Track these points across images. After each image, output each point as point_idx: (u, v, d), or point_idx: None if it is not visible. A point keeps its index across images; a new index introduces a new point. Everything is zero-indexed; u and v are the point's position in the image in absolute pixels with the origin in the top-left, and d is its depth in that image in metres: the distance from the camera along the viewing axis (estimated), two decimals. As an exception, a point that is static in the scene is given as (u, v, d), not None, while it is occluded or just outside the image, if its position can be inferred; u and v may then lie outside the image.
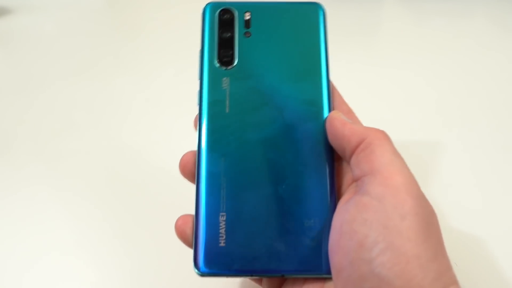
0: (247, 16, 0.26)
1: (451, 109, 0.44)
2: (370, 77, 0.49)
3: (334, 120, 0.24)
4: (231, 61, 0.25)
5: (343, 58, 0.52)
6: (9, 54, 0.57)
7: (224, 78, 0.25)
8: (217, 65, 0.25)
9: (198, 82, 0.25)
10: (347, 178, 0.24)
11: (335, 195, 0.23)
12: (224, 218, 0.23)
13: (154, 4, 0.67)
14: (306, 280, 0.23)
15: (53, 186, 0.37)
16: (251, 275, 0.22)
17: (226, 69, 0.25)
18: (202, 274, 0.22)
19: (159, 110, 0.45)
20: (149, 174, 0.38)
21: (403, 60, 0.52)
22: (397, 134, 0.41)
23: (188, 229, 0.23)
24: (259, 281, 0.25)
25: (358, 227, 0.19)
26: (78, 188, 0.37)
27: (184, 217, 0.24)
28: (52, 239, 0.33)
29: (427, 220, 0.19)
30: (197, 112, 0.25)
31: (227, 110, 0.24)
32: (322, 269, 0.22)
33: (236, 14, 0.26)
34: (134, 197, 0.36)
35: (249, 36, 0.26)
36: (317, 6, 0.28)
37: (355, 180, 0.22)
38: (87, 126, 0.44)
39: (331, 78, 0.26)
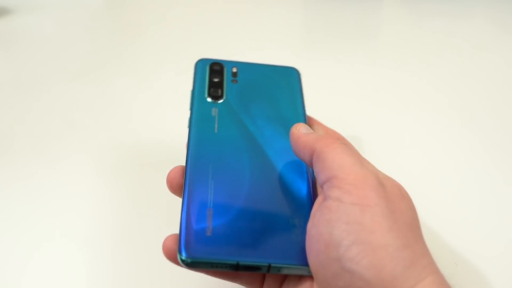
0: (234, 69, 0.32)
1: (451, 109, 0.44)
2: (369, 78, 0.49)
3: (292, 135, 0.25)
4: (220, 97, 0.30)
5: (342, 59, 0.53)
6: (9, 54, 0.57)
7: (213, 108, 0.30)
8: (208, 99, 0.30)
9: (189, 112, 0.30)
10: None
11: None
12: (212, 213, 0.24)
13: (154, 4, 0.67)
14: (300, 279, 0.23)
15: (53, 186, 0.37)
16: (236, 264, 0.22)
17: (215, 103, 0.30)
18: (186, 260, 0.22)
19: (159, 111, 0.45)
20: (150, 175, 0.38)
21: (402, 60, 0.52)
22: (397, 134, 0.41)
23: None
24: (260, 284, 0.25)
25: (322, 228, 0.20)
26: (78, 188, 0.37)
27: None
28: (52, 239, 0.33)
29: (390, 208, 0.20)
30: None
31: (215, 131, 0.28)
32: (307, 262, 0.22)
33: (225, 67, 0.32)
34: (134, 198, 0.36)
35: (236, 83, 0.31)
36: (294, 70, 0.33)
37: (320, 188, 0.23)
38: (87, 126, 0.44)
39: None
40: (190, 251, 0.22)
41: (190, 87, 0.31)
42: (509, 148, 0.40)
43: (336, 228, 0.19)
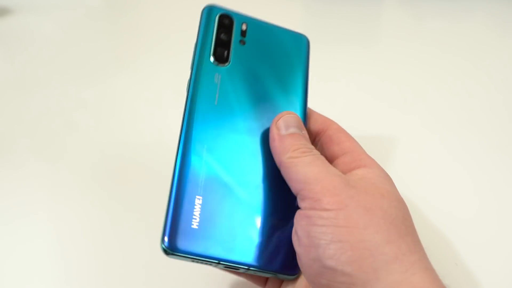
0: (244, 27, 0.28)
1: (451, 109, 0.44)
2: (369, 78, 0.49)
3: (270, 132, 0.24)
4: (225, 60, 0.27)
5: (342, 59, 0.53)
6: (9, 54, 0.57)
7: (216, 74, 0.26)
8: (212, 60, 0.27)
9: (189, 71, 0.27)
10: None
11: None
12: (200, 202, 0.22)
13: (154, 4, 0.67)
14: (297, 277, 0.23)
15: (52, 186, 0.37)
16: (218, 262, 0.22)
17: (219, 66, 0.26)
18: (167, 251, 0.21)
19: (159, 110, 0.45)
20: (150, 174, 0.38)
21: (402, 60, 0.52)
22: (397, 134, 0.41)
23: None
24: (263, 283, 0.25)
25: (300, 233, 0.21)
26: (78, 188, 0.37)
27: None
28: (52, 239, 0.33)
29: (364, 207, 0.20)
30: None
31: (215, 103, 0.26)
32: (292, 271, 0.23)
33: (234, 22, 0.28)
34: (134, 197, 0.36)
35: (243, 44, 0.28)
36: (304, 38, 0.30)
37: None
38: (87, 125, 0.44)
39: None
40: (173, 242, 0.21)
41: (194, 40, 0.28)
42: (508, 148, 0.40)
43: (313, 231, 0.20)
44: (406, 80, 0.49)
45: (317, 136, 0.27)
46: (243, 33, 0.28)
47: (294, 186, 0.22)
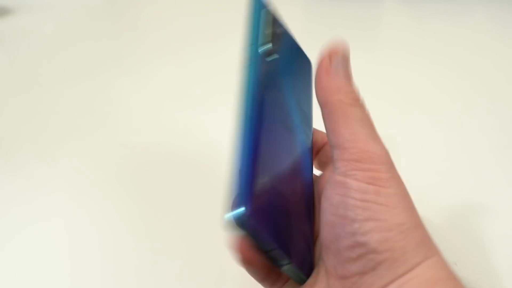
0: (279, 31, 0.28)
1: (451, 107, 0.44)
2: (370, 76, 0.49)
3: (320, 65, 0.22)
4: (273, 53, 0.25)
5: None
6: (9, 54, 0.57)
7: (265, 66, 0.24)
8: (263, 51, 0.24)
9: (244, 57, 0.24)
10: None
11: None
12: (267, 182, 0.20)
13: (153, 4, 0.67)
14: None
15: (53, 186, 0.37)
16: (271, 249, 0.20)
17: (267, 59, 0.24)
18: (242, 218, 0.18)
19: (158, 110, 0.45)
20: (149, 173, 0.38)
21: (402, 59, 0.52)
22: (397, 133, 0.41)
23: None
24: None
25: (336, 202, 0.20)
26: (78, 188, 0.37)
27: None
28: (52, 239, 0.33)
29: (402, 191, 0.20)
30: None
31: (265, 95, 0.23)
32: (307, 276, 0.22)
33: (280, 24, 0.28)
34: (134, 197, 0.36)
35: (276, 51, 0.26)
36: (310, 63, 0.29)
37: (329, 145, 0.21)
38: (87, 125, 0.44)
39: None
40: (252, 211, 0.18)
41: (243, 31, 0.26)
42: (508, 146, 0.40)
43: (351, 204, 0.19)
44: (406, 80, 0.49)
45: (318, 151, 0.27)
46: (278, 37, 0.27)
47: (337, 139, 0.20)
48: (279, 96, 0.24)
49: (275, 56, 0.25)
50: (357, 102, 0.21)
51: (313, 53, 0.27)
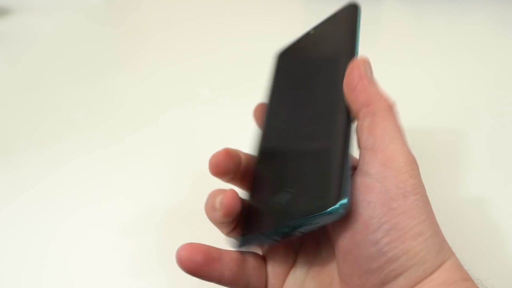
0: None
1: (451, 108, 0.44)
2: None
3: (354, 69, 0.23)
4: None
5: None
6: (9, 54, 0.57)
7: None
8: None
9: None
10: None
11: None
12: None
13: (154, 5, 0.67)
14: (311, 266, 0.24)
15: (53, 186, 0.37)
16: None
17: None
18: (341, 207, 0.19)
19: (159, 110, 0.45)
20: (150, 173, 0.38)
21: (402, 60, 0.52)
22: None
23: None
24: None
25: (362, 209, 0.19)
26: (77, 188, 0.37)
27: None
28: (51, 239, 0.33)
29: (426, 199, 0.20)
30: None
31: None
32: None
33: None
34: (134, 197, 0.36)
35: None
36: None
37: (359, 147, 0.22)
38: (87, 125, 0.44)
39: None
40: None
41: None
42: (508, 148, 0.40)
43: (377, 212, 0.19)
44: (406, 81, 0.49)
45: None
46: None
47: (373, 140, 0.21)
48: None
49: None
50: (394, 109, 0.22)
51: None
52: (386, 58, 0.53)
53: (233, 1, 0.65)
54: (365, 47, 0.55)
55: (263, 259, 0.24)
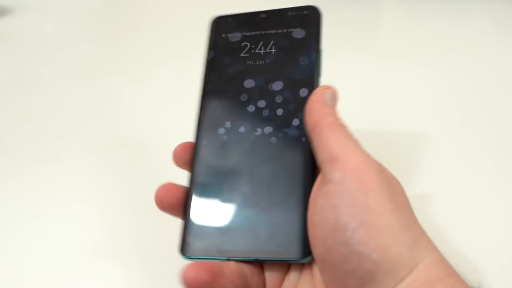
0: None
1: (451, 108, 0.44)
2: (370, 77, 0.49)
3: (313, 95, 0.24)
4: None
5: (343, 58, 0.53)
6: (9, 54, 0.57)
7: None
8: None
9: None
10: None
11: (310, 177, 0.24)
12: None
13: (153, 4, 0.67)
14: (302, 269, 0.24)
15: (53, 186, 0.37)
16: (227, 259, 0.23)
17: None
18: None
19: (158, 110, 0.45)
20: (150, 174, 0.38)
21: (403, 59, 0.52)
22: (396, 134, 0.41)
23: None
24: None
25: (327, 213, 0.20)
26: (77, 188, 0.37)
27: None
28: (51, 239, 0.33)
29: (392, 191, 0.20)
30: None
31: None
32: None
33: None
34: (135, 197, 0.36)
35: None
36: None
37: (319, 166, 0.23)
38: (87, 126, 0.44)
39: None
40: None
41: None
42: (508, 148, 0.40)
43: (341, 212, 0.19)
44: (406, 81, 0.49)
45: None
46: None
47: (327, 152, 0.22)
48: None
49: None
50: (343, 124, 0.23)
51: (313, 53, 0.27)
52: (385, 57, 0.53)
53: (233, 1, 0.65)
54: (365, 47, 0.55)
55: (260, 265, 0.25)
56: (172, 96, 0.47)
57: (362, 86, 0.48)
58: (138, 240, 0.33)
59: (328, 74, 0.50)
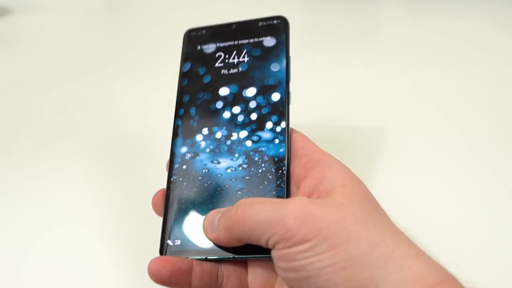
0: None
1: (451, 110, 0.44)
2: (370, 78, 0.49)
3: (208, 226, 0.24)
4: None
5: (343, 59, 0.53)
6: (9, 54, 0.58)
7: None
8: None
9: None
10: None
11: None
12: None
13: (154, 5, 0.67)
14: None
15: (53, 186, 0.37)
16: (205, 258, 0.24)
17: None
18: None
19: (159, 112, 0.45)
20: (150, 172, 0.38)
21: (402, 60, 0.52)
22: (396, 135, 0.41)
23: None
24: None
25: (284, 273, 0.20)
26: (77, 189, 0.37)
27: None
28: (51, 239, 0.33)
29: (335, 219, 0.20)
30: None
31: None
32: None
33: None
34: (135, 197, 0.36)
35: None
36: None
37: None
38: (87, 125, 0.44)
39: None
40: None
41: None
42: (508, 148, 0.40)
43: (298, 267, 0.19)
44: (405, 79, 0.49)
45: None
46: None
47: (256, 235, 0.21)
48: None
49: None
50: (236, 211, 0.22)
51: (313, 53, 0.27)
52: (385, 56, 0.53)
53: (233, 0, 0.65)
54: (364, 46, 0.55)
55: (245, 268, 0.25)
56: (172, 96, 0.47)
57: (362, 85, 0.48)
58: (137, 240, 0.33)
59: (327, 75, 0.50)
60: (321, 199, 0.22)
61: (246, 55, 0.29)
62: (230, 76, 0.29)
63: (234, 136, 0.27)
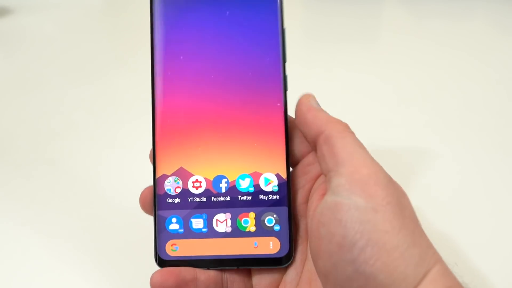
0: None
1: (451, 109, 0.44)
2: (369, 76, 0.49)
3: (301, 105, 0.24)
4: None
5: (342, 57, 0.53)
6: (9, 54, 0.58)
7: None
8: None
9: None
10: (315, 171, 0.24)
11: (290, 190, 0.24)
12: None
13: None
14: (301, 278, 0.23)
15: (52, 186, 0.37)
16: (207, 268, 0.23)
17: None
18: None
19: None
20: (150, 171, 0.38)
21: (402, 59, 0.52)
22: (396, 135, 0.41)
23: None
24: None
25: (334, 229, 0.19)
26: (77, 189, 0.37)
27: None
28: (51, 239, 0.33)
29: (400, 205, 0.19)
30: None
31: None
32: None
33: None
34: (135, 197, 0.36)
35: None
36: None
37: (324, 173, 0.22)
38: (87, 125, 0.44)
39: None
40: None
41: None
42: (508, 148, 0.40)
43: (350, 229, 0.19)
44: (406, 79, 0.49)
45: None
46: None
47: (334, 160, 0.21)
48: None
49: None
50: (348, 128, 0.22)
51: (312, 53, 0.27)
52: (386, 56, 0.53)
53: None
54: (365, 46, 0.55)
55: (248, 272, 0.25)
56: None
57: (362, 85, 0.48)
58: (137, 239, 0.33)
59: (327, 76, 0.50)
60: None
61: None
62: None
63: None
